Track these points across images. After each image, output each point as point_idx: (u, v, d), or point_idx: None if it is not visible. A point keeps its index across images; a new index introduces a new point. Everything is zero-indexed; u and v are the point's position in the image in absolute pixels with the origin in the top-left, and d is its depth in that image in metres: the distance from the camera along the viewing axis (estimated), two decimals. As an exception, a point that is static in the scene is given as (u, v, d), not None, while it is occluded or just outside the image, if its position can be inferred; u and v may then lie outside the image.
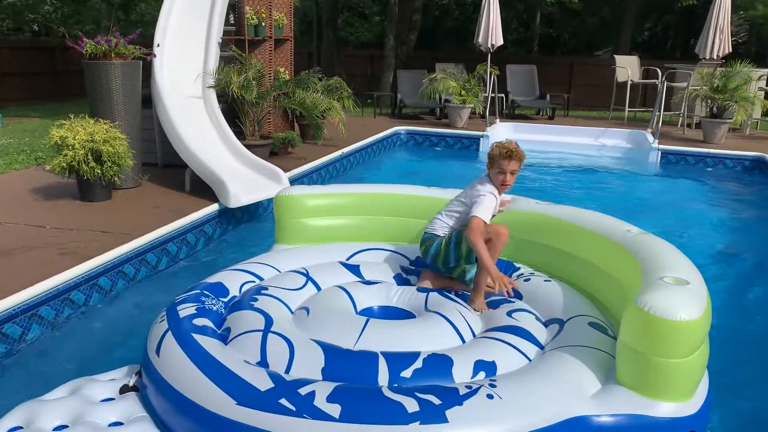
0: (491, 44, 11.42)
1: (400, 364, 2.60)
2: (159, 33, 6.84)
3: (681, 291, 2.50)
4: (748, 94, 10.19)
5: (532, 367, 2.69)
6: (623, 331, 2.53)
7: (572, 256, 3.53)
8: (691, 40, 20.37)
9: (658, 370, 2.42)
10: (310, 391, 2.37)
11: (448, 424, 2.22)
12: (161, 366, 2.69)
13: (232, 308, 3.17)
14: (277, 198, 4.20)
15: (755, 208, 7.64)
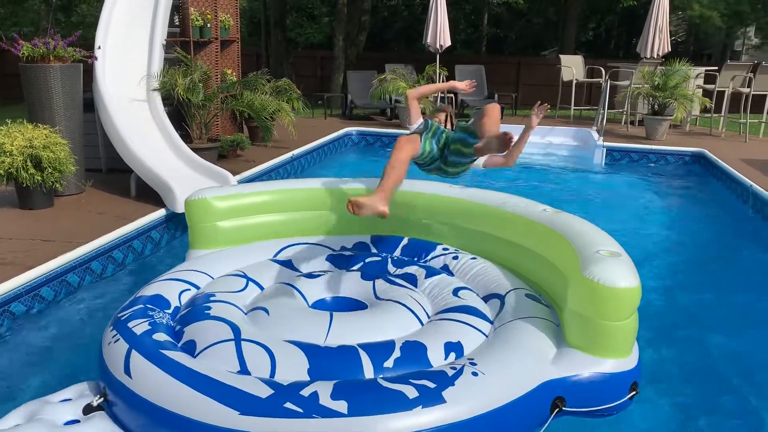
0: (440, 45, 11.51)
1: (380, 354, 2.73)
2: (100, 35, 6.67)
3: (619, 262, 2.83)
4: (687, 92, 10.54)
5: (499, 342, 2.91)
6: (572, 300, 2.87)
7: (495, 237, 3.80)
8: (632, 40, 20.96)
9: (605, 332, 2.78)
10: (312, 391, 2.42)
11: (446, 404, 2.41)
12: (137, 386, 2.60)
13: (184, 320, 3.09)
14: (188, 202, 4.06)
15: (696, 200, 7.92)
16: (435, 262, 3.89)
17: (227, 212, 4.09)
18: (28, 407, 2.71)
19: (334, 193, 4.27)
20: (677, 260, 5.44)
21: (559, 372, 2.74)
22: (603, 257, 2.85)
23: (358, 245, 4.15)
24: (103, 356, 2.85)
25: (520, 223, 3.63)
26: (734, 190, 7.69)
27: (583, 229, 3.26)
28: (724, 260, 5.62)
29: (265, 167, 7.67)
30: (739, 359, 3.78)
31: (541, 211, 3.61)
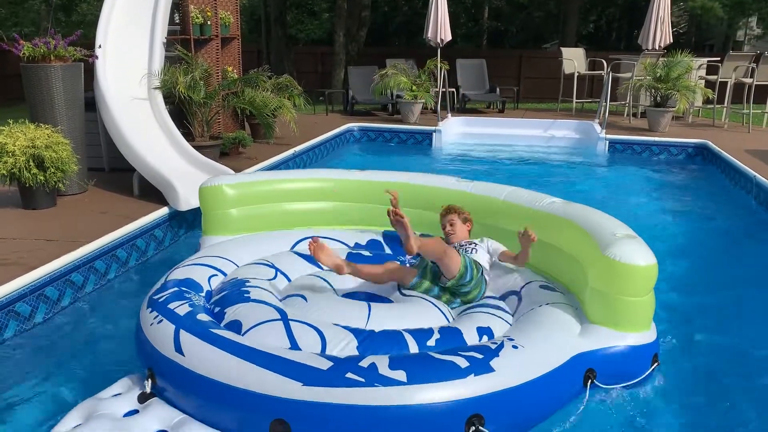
0: (440, 39, 11.48)
1: (422, 337, 2.89)
2: (100, 34, 6.66)
3: (636, 242, 3.04)
4: (690, 83, 10.50)
5: (529, 322, 3.07)
6: (593, 279, 3.07)
7: (507, 231, 3.83)
8: (634, 32, 20.88)
9: (627, 307, 2.98)
10: (371, 362, 2.53)
11: (494, 373, 2.57)
12: (191, 363, 2.64)
13: (222, 302, 3.16)
14: (203, 189, 4.13)
15: (699, 191, 7.89)
16: None
17: (240, 200, 4.17)
18: (83, 406, 2.73)
19: (347, 184, 4.34)
20: (680, 252, 5.42)
21: (588, 345, 2.94)
22: (620, 238, 3.04)
23: (371, 242, 4.21)
24: (146, 337, 2.88)
25: (528, 215, 3.77)
26: (737, 181, 7.66)
27: (593, 215, 3.46)
28: (727, 251, 5.60)
29: (267, 164, 7.67)
30: (737, 349, 3.77)
31: (549, 203, 3.77)
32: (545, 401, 2.73)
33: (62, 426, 2.60)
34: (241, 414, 2.51)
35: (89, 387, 3.35)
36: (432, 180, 4.47)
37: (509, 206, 3.95)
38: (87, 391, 3.30)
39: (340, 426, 2.40)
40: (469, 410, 2.47)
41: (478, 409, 2.47)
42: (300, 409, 2.41)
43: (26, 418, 3.10)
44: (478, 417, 2.47)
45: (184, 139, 6.59)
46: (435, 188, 4.33)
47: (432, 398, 2.43)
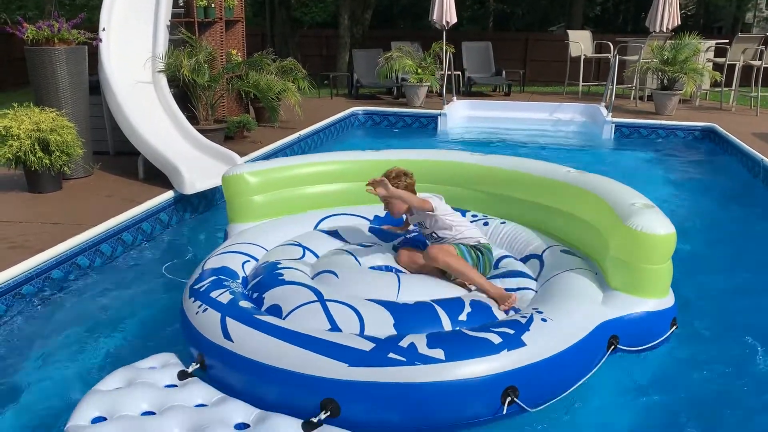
0: (446, 22, 11.39)
1: (454, 309, 3.01)
2: (104, 17, 6.62)
3: (656, 212, 3.18)
4: (697, 66, 10.40)
5: (555, 292, 3.19)
6: (615, 248, 3.20)
7: (524, 201, 4.08)
8: (641, 14, 20.67)
9: (648, 274, 3.13)
10: (409, 342, 2.65)
11: (526, 347, 2.69)
12: (241, 348, 2.76)
13: (258, 287, 3.27)
14: (225, 178, 4.22)
15: (706, 175, 7.85)
16: None
17: (262, 186, 4.26)
18: (123, 372, 2.83)
19: (363, 165, 4.44)
20: (687, 235, 5.39)
21: (611, 313, 3.06)
22: (640, 209, 3.18)
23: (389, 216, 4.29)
24: (193, 326, 3.00)
25: (548, 185, 3.93)
26: (745, 164, 7.61)
27: (610, 185, 3.63)
28: (735, 235, 5.58)
29: (272, 148, 7.66)
30: (749, 330, 3.77)
31: (565, 172, 3.94)
32: (574, 369, 2.87)
33: (103, 385, 2.72)
34: (292, 394, 2.64)
35: (90, 368, 3.40)
36: (445, 155, 4.63)
37: (526, 177, 4.09)
38: (85, 373, 3.34)
39: (386, 403, 2.56)
40: (504, 383, 2.61)
41: (512, 381, 2.62)
42: (347, 389, 2.55)
43: (26, 401, 3.14)
44: (512, 389, 2.62)
45: (188, 123, 6.59)
46: (450, 163, 4.48)
47: (469, 373, 2.57)
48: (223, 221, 5.85)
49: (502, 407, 2.60)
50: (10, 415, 3.02)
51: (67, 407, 2.79)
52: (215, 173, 5.93)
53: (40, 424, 2.95)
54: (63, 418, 2.68)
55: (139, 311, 4.08)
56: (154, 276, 4.58)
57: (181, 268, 4.68)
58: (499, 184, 4.24)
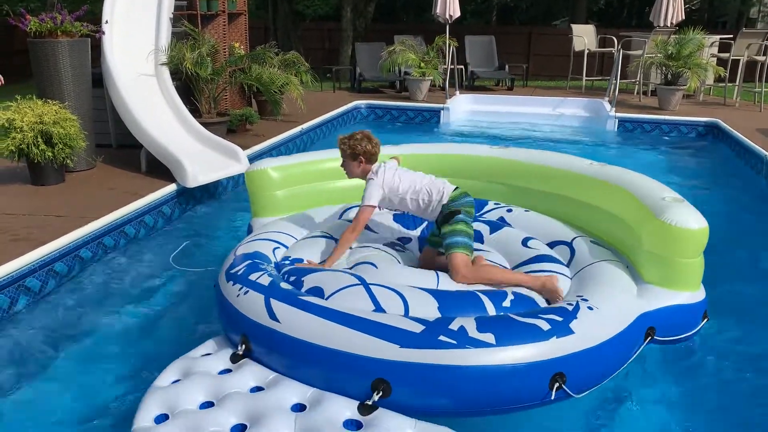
0: (449, 15, 11.36)
1: (498, 298, 3.02)
2: (107, 9, 6.62)
3: (688, 207, 3.23)
4: (701, 61, 10.36)
5: (595, 281, 3.21)
6: (648, 242, 3.24)
7: (547, 193, 4.09)
8: (645, 8, 20.59)
9: (681, 268, 3.18)
10: (460, 326, 2.66)
11: (575, 335, 2.71)
12: (289, 329, 2.76)
13: (295, 272, 3.25)
14: (249, 173, 4.24)
15: (709, 171, 7.84)
16: (490, 215, 4.10)
17: (285, 181, 4.28)
18: (178, 364, 2.85)
19: (384, 159, 4.37)
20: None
21: (649, 305, 3.11)
22: (671, 203, 3.24)
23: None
24: (236, 307, 3.00)
25: (571, 178, 3.97)
26: (748, 160, 7.60)
27: (636, 178, 3.67)
28: (737, 231, 5.57)
29: (275, 141, 7.66)
30: (749, 338, 3.78)
31: (588, 165, 3.97)
32: (617, 358, 2.91)
33: (161, 381, 2.74)
34: (342, 374, 2.65)
35: (99, 359, 3.42)
36: (465, 149, 4.66)
37: (550, 170, 4.11)
38: (93, 365, 3.36)
39: (436, 385, 2.56)
40: (553, 369, 2.64)
41: (560, 368, 2.64)
42: (399, 369, 2.56)
43: (30, 393, 3.16)
44: (560, 375, 2.64)
45: (191, 116, 6.58)
46: (470, 156, 4.51)
47: (520, 358, 2.60)
48: (226, 213, 5.88)
49: (550, 393, 2.63)
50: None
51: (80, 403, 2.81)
52: (218, 166, 5.94)
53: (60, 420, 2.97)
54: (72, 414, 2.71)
55: (148, 302, 4.11)
56: (159, 267, 4.60)
57: (185, 260, 4.71)
58: (519, 176, 4.27)
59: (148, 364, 3.34)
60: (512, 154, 4.43)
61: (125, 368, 3.37)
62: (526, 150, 4.50)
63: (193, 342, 3.16)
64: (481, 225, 3.90)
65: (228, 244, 5.14)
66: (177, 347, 3.34)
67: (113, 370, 3.35)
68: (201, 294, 4.18)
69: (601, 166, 3.96)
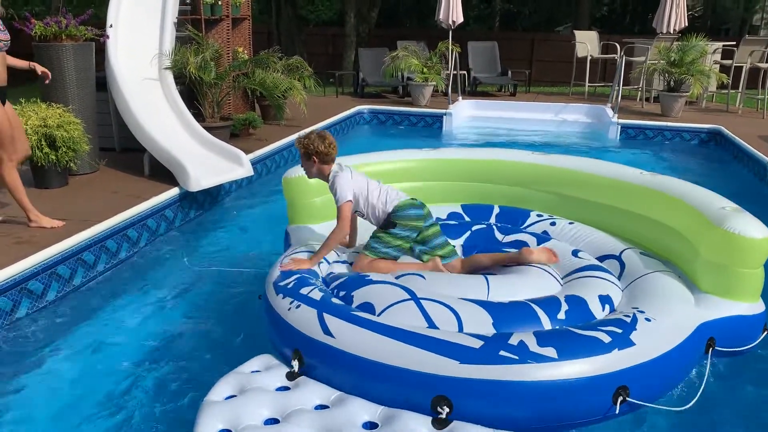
0: (452, 21, 11.38)
1: (551, 308, 2.98)
2: (112, 13, 6.65)
3: (749, 216, 3.18)
4: (704, 68, 10.36)
5: (649, 293, 3.16)
6: (708, 252, 3.19)
7: (592, 202, 4.05)
8: (648, 15, 20.61)
9: (742, 278, 3.13)
10: (519, 340, 2.64)
11: (636, 346, 2.69)
12: (346, 345, 2.74)
13: (344, 286, 3.22)
14: (287, 180, 4.21)
15: (712, 178, 7.82)
16: (534, 228, 4.07)
17: (322, 188, 4.18)
18: (231, 379, 2.78)
19: (423, 165, 4.49)
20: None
21: (709, 315, 3.06)
22: (732, 212, 3.19)
23: (452, 215, 4.34)
24: (288, 322, 2.97)
25: (621, 187, 3.92)
26: (751, 167, 7.59)
27: (690, 188, 3.64)
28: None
29: (278, 146, 7.68)
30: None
31: (639, 174, 3.93)
32: (679, 369, 2.88)
33: (214, 395, 2.67)
34: (401, 391, 2.62)
35: (97, 367, 3.41)
36: (511, 155, 4.59)
37: (598, 178, 4.07)
38: (95, 370, 3.36)
39: (497, 401, 2.55)
40: (616, 383, 2.60)
41: (623, 381, 2.61)
42: (459, 386, 2.55)
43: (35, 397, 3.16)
44: (624, 388, 2.61)
45: (194, 120, 6.60)
46: (515, 163, 4.45)
47: (583, 372, 2.57)
48: (228, 217, 5.89)
49: (614, 407, 2.60)
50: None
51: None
52: (221, 170, 5.95)
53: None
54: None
55: (152, 304, 4.12)
56: (162, 270, 4.61)
57: (188, 262, 4.72)
58: (567, 184, 4.20)
59: (152, 366, 3.37)
60: (557, 161, 4.35)
61: (130, 368, 3.38)
62: (575, 157, 4.44)
63: (196, 342, 3.14)
64: (527, 236, 3.88)
65: (230, 246, 5.16)
66: (180, 347, 3.35)
67: (116, 370, 3.36)
68: (203, 294, 4.20)
69: (652, 175, 3.92)
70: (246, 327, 3.72)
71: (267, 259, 4.58)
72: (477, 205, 4.42)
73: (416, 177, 4.48)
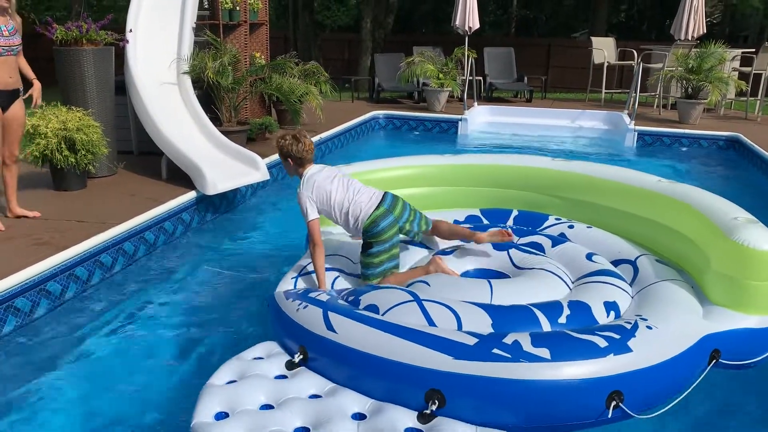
0: (468, 27, 11.39)
1: (553, 312, 3.00)
2: (131, 18, 6.72)
3: (759, 227, 3.13)
4: (722, 75, 10.28)
5: (657, 300, 3.15)
6: (718, 262, 3.15)
7: (616, 210, 4.04)
8: (666, 21, 20.50)
9: (752, 290, 3.06)
10: (514, 340, 2.67)
11: (633, 353, 2.68)
12: (346, 339, 2.84)
13: (353, 293, 3.34)
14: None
15: (730, 186, 7.75)
16: (551, 231, 4.09)
17: None
18: (232, 365, 2.92)
19: (444, 169, 4.55)
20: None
21: (714, 327, 3.02)
22: (744, 223, 3.14)
23: (470, 218, 4.39)
24: (295, 321, 3.09)
25: (641, 194, 3.91)
26: (770, 175, 7.51)
27: (706, 197, 3.60)
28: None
29: (294, 150, 7.69)
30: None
31: (656, 181, 3.92)
32: (677, 379, 2.85)
33: (217, 380, 2.81)
34: (396, 384, 2.69)
35: (114, 365, 3.45)
36: (529, 161, 4.64)
37: (619, 186, 4.07)
38: (116, 372, 3.39)
39: (488, 398, 2.58)
40: (610, 387, 2.60)
41: (618, 386, 2.60)
42: (452, 381, 2.59)
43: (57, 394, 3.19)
44: (618, 393, 2.60)
45: (211, 124, 6.64)
46: (534, 169, 4.49)
47: (575, 374, 2.57)
48: (244, 221, 5.92)
49: (607, 411, 2.59)
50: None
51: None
52: (237, 174, 5.99)
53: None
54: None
55: (169, 306, 4.16)
56: (179, 272, 4.64)
57: (204, 265, 4.75)
58: (585, 190, 4.23)
59: (170, 364, 3.43)
60: (577, 167, 4.37)
61: (147, 369, 3.43)
62: (593, 164, 4.45)
63: (209, 343, 3.18)
64: (542, 238, 3.90)
65: (246, 250, 5.18)
66: (197, 348, 3.37)
67: (135, 370, 3.40)
68: (221, 296, 4.24)
69: (670, 183, 3.90)
70: (259, 327, 3.76)
71: (283, 262, 4.61)
72: (496, 209, 4.47)
73: (432, 182, 4.54)
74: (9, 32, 4.50)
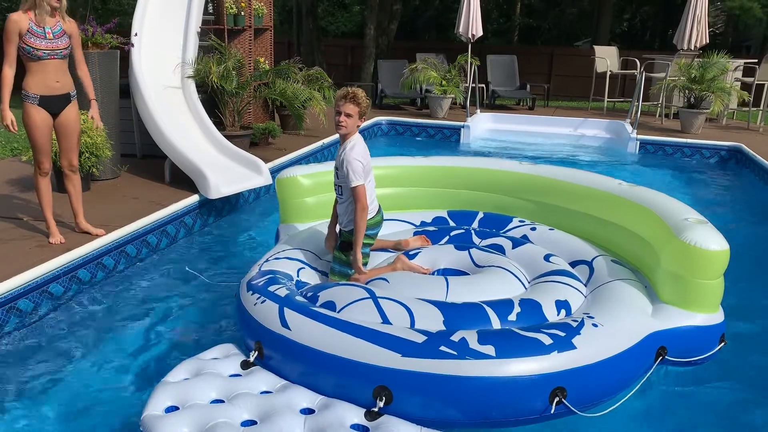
0: (471, 34, 11.43)
1: (503, 310, 3.08)
2: (137, 22, 6.76)
3: (709, 228, 3.19)
4: (725, 85, 10.30)
5: (606, 299, 3.23)
6: (667, 261, 3.22)
7: (574, 211, 4.13)
8: (669, 31, 20.55)
9: (699, 289, 3.14)
10: (461, 337, 2.72)
11: (577, 350, 2.74)
12: (298, 336, 2.88)
13: (312, 288, 3.38)
14: (279, 180, 4.34)
15: (731, 196, 7.76)
16: (514, 233, 4.16)
17: (314, 189, 4.37)
18: (189, 364, 2.97)
19: (413, 171, 4.61)
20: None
21: (661, 324, 3.09)
22: (693, 224, 3.21)
23: (437, 219, 4.47)
24: (252, 315, 3.14)
25: (599, 196, 4.00)
26: (772, 185, 7.52)
27: (661, 199, 3.67)
28: (760, 258, 5.51)
29: (296, 155, 7.73)
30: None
31: (617, 185, 4.00)
32: (622, 375, 2.90)
33: (172, 377, 2.86)
34: (346, 381, 2.74)
35: (115, 365, 3.46)
36: (493, 163, 4.70)
37: (579, 188, 4.14)
38: (113, 369, 3.40)
39: (436, 394, 2.62)
40: (553, 384, 2.66)
41: (561, 382, 2.67)
42: (400, 378, 2.64)
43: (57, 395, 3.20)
44: (561, 390, 2.66)
45: (215, 128, 6.67)
46: (498, 171, 4.56)
47: (519, 371, 2.63)
48: (246, 225, 5.93)
49: (550, 407, 2.65)
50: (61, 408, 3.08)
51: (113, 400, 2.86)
52: (240, 178, 6.00)
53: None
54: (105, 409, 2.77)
55: (167, 309, 4.15)
56: (179, 276, 4.65)
57: (205, 269, 4.76)
58: (548, 193, 4.30)
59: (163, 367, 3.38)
60: (540, 170, 4.46)
61: (139, 370, 3.44)
62: (554, 167, 4.54)
63: (205, 347, 3.22)
64: (503, 239, 3.98)
65: (247, 254, 5.19)
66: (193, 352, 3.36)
67: (129, 371, 3.41)
68: (217, 302, 4.23)
69: (630, 186, 3.97)
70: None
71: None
72: (462, 211, 4.55)
73: (403, 183, 4.63)
74: (54, 35, 4.29)
